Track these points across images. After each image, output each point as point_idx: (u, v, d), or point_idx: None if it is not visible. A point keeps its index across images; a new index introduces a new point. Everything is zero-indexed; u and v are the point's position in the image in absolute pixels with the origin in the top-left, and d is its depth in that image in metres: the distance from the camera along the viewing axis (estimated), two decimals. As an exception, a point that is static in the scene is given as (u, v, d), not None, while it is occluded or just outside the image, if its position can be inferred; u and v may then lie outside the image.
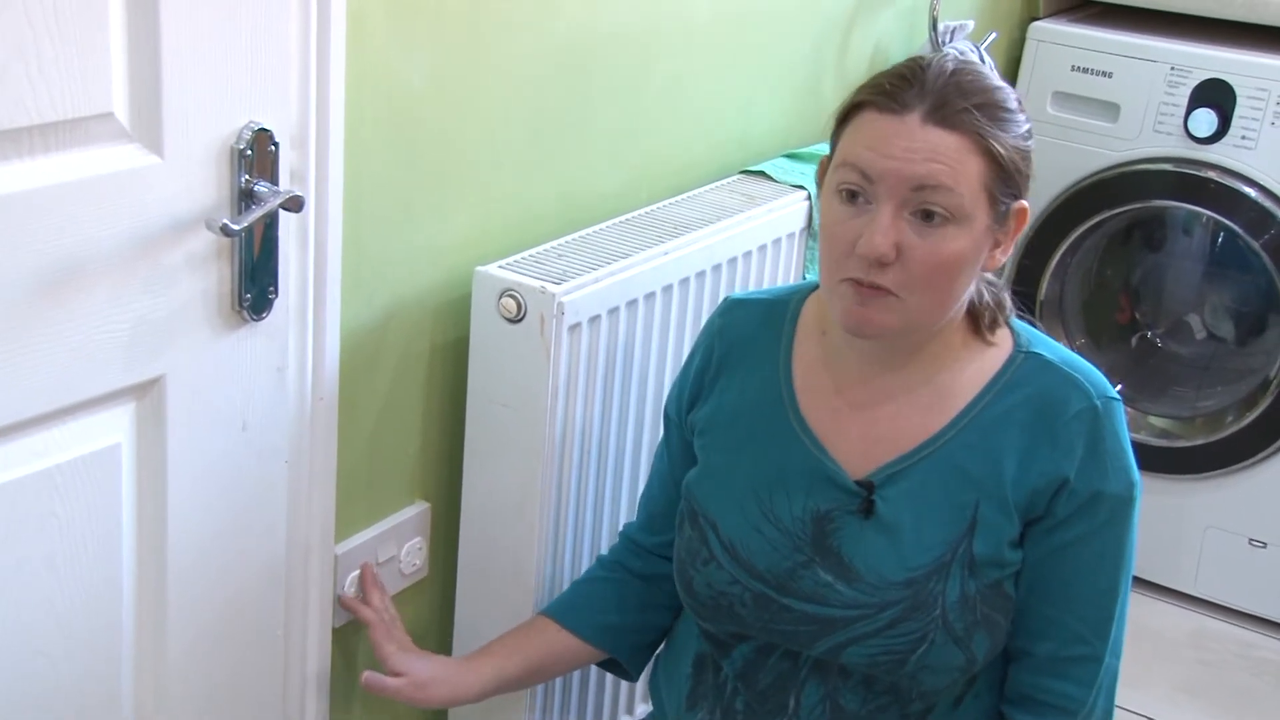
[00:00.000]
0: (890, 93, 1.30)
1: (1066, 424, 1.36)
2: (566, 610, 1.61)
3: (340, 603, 1.62)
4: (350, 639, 1.66)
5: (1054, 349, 1.42)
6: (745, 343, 1.49)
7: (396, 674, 1.55)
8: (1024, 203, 1.35)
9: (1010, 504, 1.37)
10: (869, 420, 1.41)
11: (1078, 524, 1.37)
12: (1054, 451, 1.36)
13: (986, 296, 1.40)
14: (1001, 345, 1.41)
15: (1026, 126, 1.35)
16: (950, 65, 1.32)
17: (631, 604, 1.61)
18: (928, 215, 1.28)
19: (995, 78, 1.35)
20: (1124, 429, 1.39)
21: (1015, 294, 1.47)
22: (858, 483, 1.39)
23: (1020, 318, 1.44)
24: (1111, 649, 1.42)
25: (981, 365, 1.40)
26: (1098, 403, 1.37)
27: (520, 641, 1.60)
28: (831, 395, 1.43)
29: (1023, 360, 1.40)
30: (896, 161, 1.28)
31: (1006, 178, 1.31)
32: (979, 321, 1.40)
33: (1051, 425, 1.37)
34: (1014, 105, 1.34)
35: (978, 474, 1.37)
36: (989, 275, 1.40)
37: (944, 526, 1.37)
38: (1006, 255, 1.37)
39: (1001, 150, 1.30)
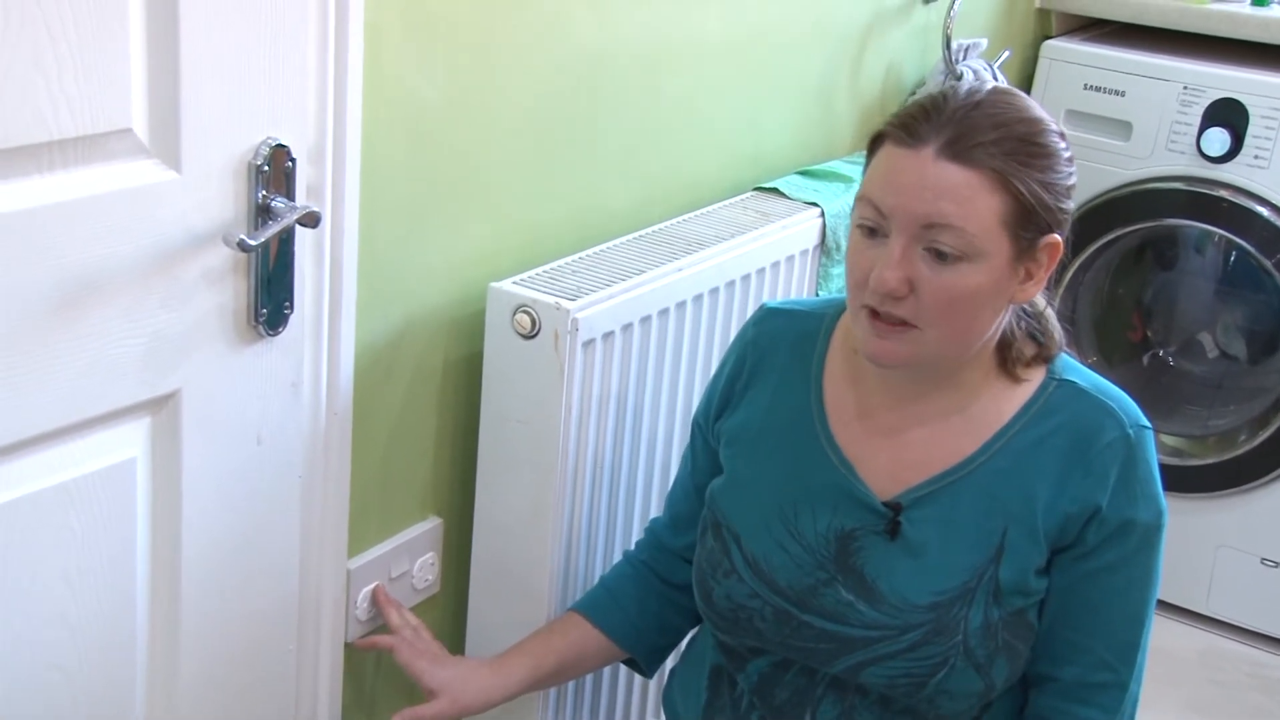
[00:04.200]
0: (907, 125, 1.29)
1: (1100, 453, 1.35)
2: (598, 608, 1.60)
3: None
4: (363, 653, 1.66)
5: (1086, 376, 1.41)
6: (778, 354, 1.48)
7: (431, 692, 1.54)
8: (1055, 236, 1.32)
9: (1040, 531, 1.36)
10: (899, 443, 1.40)
11: (1108, 552, 1.36)
12: (1087, 479, 1.35)
13: (1018, 331, 1.38)
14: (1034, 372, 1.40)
15: (1066, 156, 1.31)
16: (980, 97, 1.29)
17: (655, 607, 1.60)
18: (940, 253, 1.27)
19: (1033, 109, 1.31)
20: (1154, 457, 1.38)
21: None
22: (885, 504, 1.39)
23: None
24: (1135, 676, 1.41)
25: (1014, 392, 1.39)
26: (1130, 431, 1.36)
27: (553, 639, 1.59)
28: (861, 416, 1.42)
29: (1055, 387, 1.39)
30: (905, 198, 1.27)
31: (1028, 214, 1.28)
32: (1009, 355, 1.38)
33: (1085, 454, 1.36)
34: (1046, 139, 1.30)
35: (1008, 500, 1.37)
36: (1026, 307, 1.39)
37: (971, 551, 1.37)
38: (1039, 287, 1.34)
39: (1021, 187, 1.27)
